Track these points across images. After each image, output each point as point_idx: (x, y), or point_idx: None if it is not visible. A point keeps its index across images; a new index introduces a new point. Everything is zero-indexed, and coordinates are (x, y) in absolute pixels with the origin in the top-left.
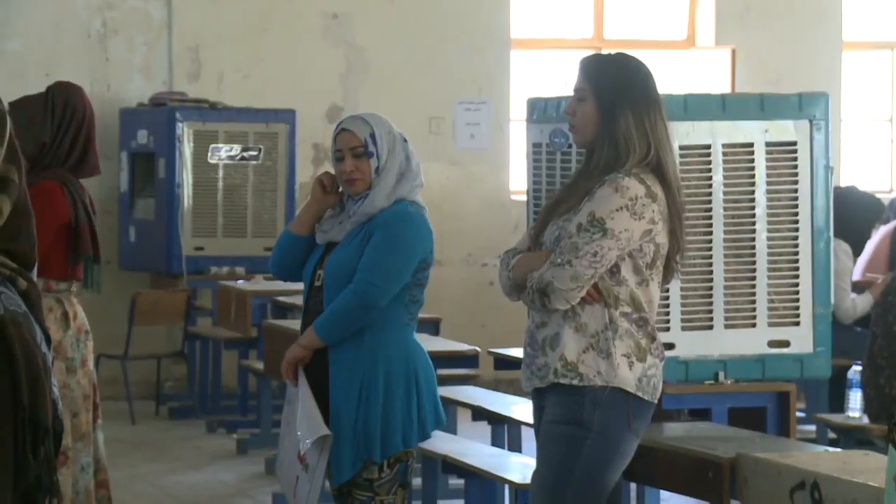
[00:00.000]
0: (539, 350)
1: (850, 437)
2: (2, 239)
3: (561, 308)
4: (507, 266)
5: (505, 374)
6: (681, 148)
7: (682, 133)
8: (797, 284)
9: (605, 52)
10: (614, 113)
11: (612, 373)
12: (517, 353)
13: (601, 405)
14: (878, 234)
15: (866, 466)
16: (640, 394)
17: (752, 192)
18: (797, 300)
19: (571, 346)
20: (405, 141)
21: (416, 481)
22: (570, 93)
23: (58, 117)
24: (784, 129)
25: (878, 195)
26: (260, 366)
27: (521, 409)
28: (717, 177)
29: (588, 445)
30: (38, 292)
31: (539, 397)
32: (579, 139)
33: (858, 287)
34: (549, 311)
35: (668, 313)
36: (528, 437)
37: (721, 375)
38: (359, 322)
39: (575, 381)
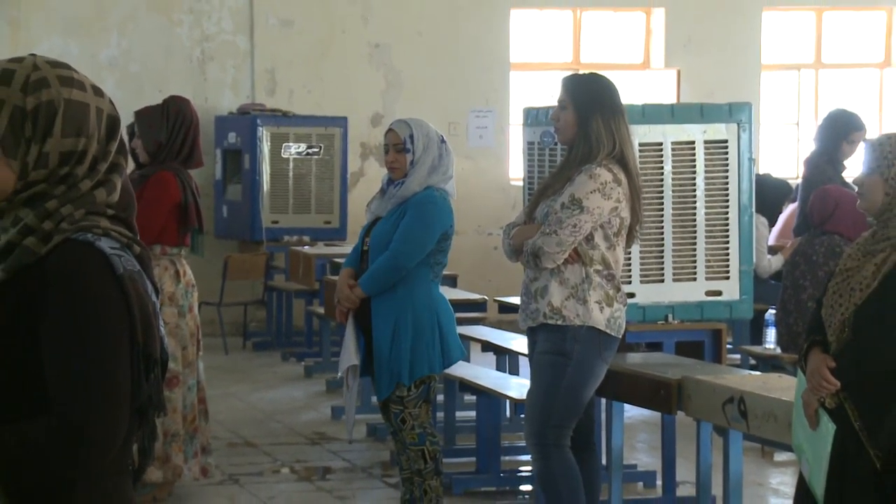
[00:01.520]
0: (532, 298)
1: (767, 364)
2: (121, 212)
3: (549, 266)
4: (508, 235)
5: (506, 316)
6: (640, 145)
7: (641, 133)
8: (727, 248)
9: (581, 72)
10: (588, 118)
11: (587, 315)
12: (515, 300)
13: (579, 340)
14: (787, 210)
15: (779, 385)
16: (608, 331)
17: (694, 179)
18: (727, 260)
19: (556, 295)
20: (443, 142)
21: (440, 398)
22: (555, 103)
23: (171, 122)
24: (718, 131)
25: (787, 180)
26: (321, 310)
27: (518, 343)
28: (668, 167)
29: (570, 370)
30: (149, 255)
31: (532, 334)
32: (562, 138)
33: (772, 250)
34: (540, 269)
35: (629, 270)
36: (524, 365)
37: (670, 317)
38: (392, 279)
39: (559, 322)
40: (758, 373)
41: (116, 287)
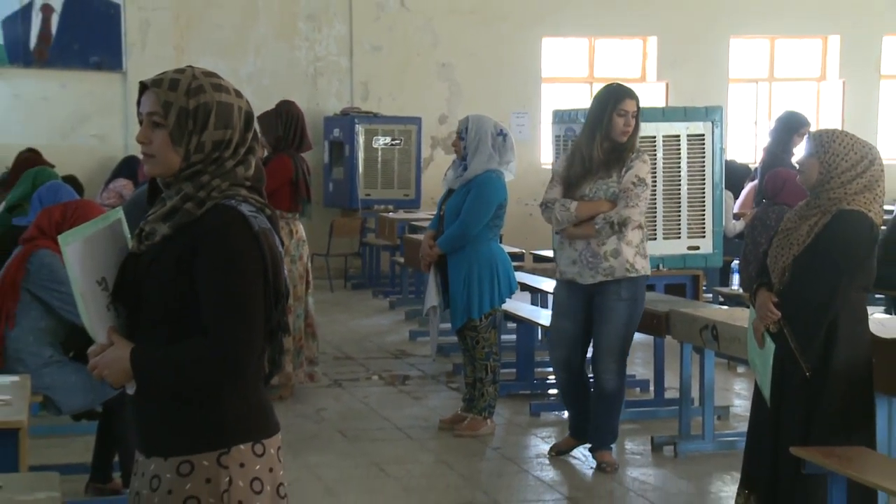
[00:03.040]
0: (602, 258)
1: (732, 300)
2: (255, 183)
3: (628, 233)
4: (566, 208)
5: (539, 265)
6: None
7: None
8: (703, 214)
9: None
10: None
11: (647, 267)
12: (546, 253)
13: (642, 286)
14: (747, 187)
15: (742, 316)
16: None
17: (679, 163)
18: (703, 223)
19: (628, 253)
20: (499, 135)
21: None
22: (630, 110)
23: (284, 119)
24: (697, 127)
25: (748, 165)
26: (401, 260)
27: (547, 285)
28: (660, 154)
29: (637, 310)
30: (277, 216)
31: (599, 287)
32: (626, 137)
33: (736, 217)
34: (614, 235)
35: None
36: (552, 300)
37: (661, 266)
38: (461, 242)
39: (633, 274)
40: (726, 307)
41: (253, 240)
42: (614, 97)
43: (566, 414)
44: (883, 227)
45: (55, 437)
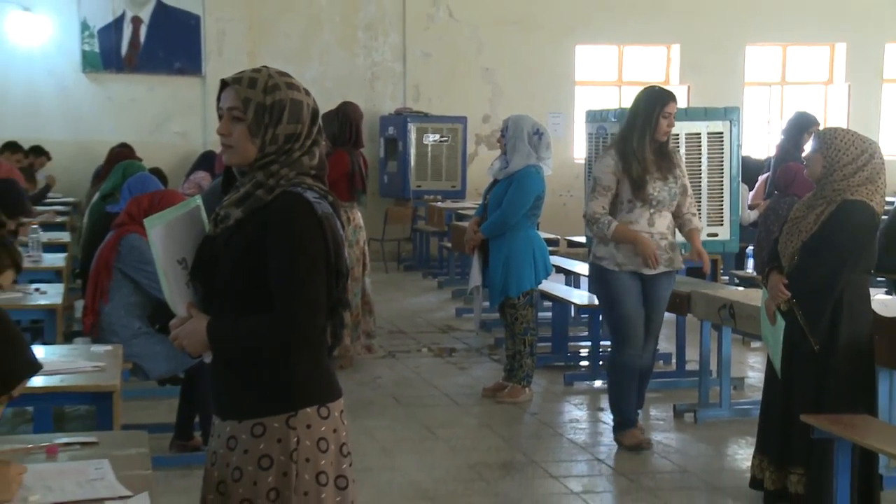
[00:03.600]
0: (664, 251)
1: (748, 283)
2: (319, 173)
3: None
4: (606, 227)
5: (572, 249)
6: None
7: None
8: (722, 205)
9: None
10: None
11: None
12: (579, 238)
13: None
14: (760, 180)
15: (756, 297)
16: None
17: (700, 158)
18: (722, 213)
19: (677, 248)
20: (536, 133)
21: None
22: (672, 112)
23: (340, 119)
24: (717, 126)
25: (761, 160)
26: (448, 245)
27: (580, 267)
28: (682, 150)
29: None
30: (338, 203)
31: (648, 277)
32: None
33: (751, 207)
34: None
35: None
36: (584, 282)
37: (683, 251)
38: (502, 229)
39: (679, 266)
40: (742, 288)
41: (317, 224)
42: (661, 100)
43: (597, 383)
44: (884, 217)
45: (143, 399)
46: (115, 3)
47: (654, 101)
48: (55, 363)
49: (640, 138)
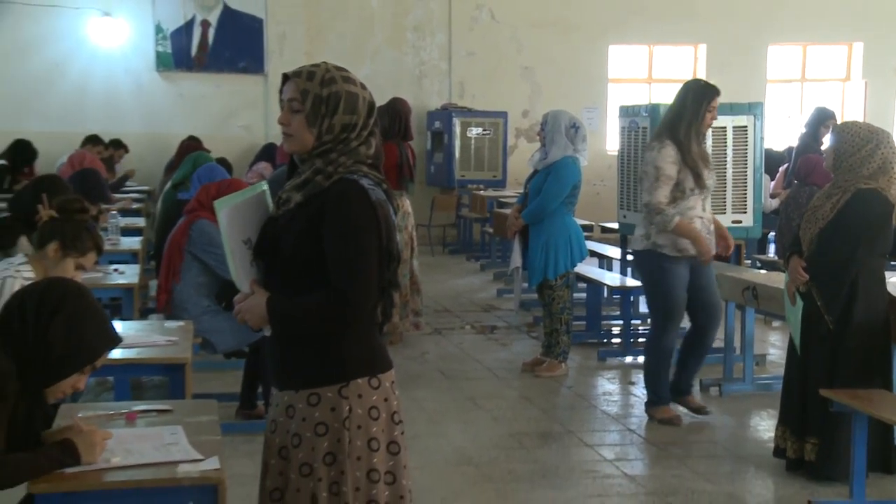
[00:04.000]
0: (712, 236)
1: (769, 266)
2: (375, 162)
3: None
4: (669, 220)
5: (605, 235)
6: None
7: None
8: (745, 193)
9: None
10: None
11: None
12: (611, 225)
13: None
14: (781, 170)
15: (777, 279)
16: None
17: (725, 150)
18: (745, 200)
19: None
20: (573, 127)
21: None
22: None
23: (390, 114)
24: (741, 120)
25: (782, 152)
26: (490, 230)
27: (612, 251)
28: (709, 143)
29: None
30: (391, 191)
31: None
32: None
33: (772, 196)
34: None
35: None
36: (616, 265)
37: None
38: (541, 215)
39: None
40: (764, 271)
41: (371, 209)
42: (709, 95)
43: (628, 359)
44: None
45: (212, 371)
46: (185, 8)
47: (702, 95)
48: (133, 337)
49: (688, 130)
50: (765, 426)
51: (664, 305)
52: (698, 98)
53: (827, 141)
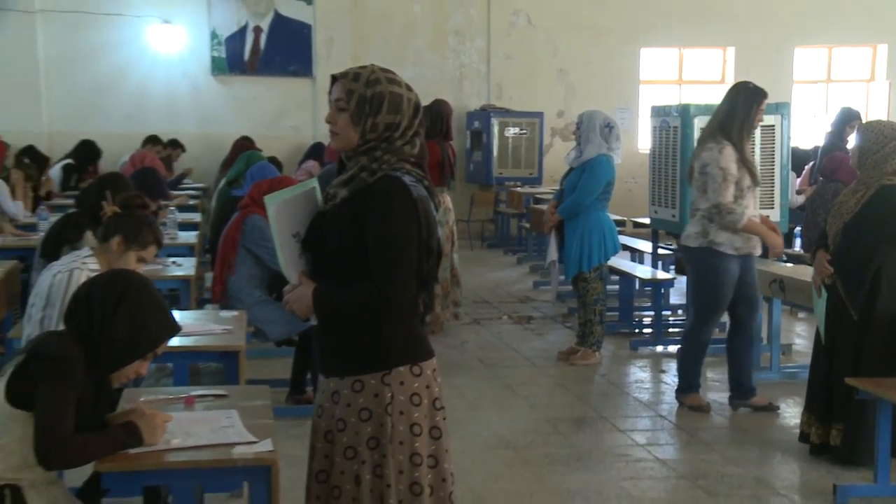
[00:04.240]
0: None
1: (796, 260)
2: (418, 160)
3: None
4: (739, 218)
5: (636, 230)
6: (702, 130)
7: None
8: (773, 189)
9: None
10: None
11: None
12: (643, 220)
13: None
14: (806, 168)
15: (806, 272)
16: None
17: (754, 149)
18: (773, 196)
19: None
20: (607, 126)
21: None
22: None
23: (433, 114)
24: (769, 120)
25: (807, 150)
26: (527, 225)
27: (643, 244)
28: None
29: None
30: (433, 187)
31: (748, 257)
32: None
33: (798, 192)
34: None
35: None
36: (647, 258)
37: None
38: (577, 210)
39: None
40: (790, 265)
41: (412, 204)
42: (759, 97)
43: (659, 348)
44: None
45: (264, 358)
46: (239, 15)
47: (752, 97)
48: (190, 326)
49: (740, 130)
50: (790, 413)
51: (712, 300)
52: (749, 100)
53: (852, 140)
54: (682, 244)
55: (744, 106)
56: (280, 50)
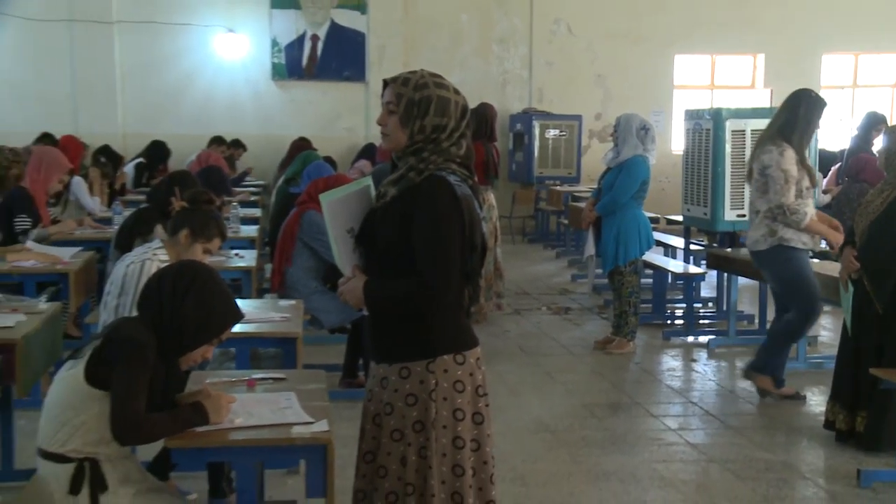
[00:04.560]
0: None
1: (821, 256)
2: (464, 160)
3: None
4: (803, 218)
5: (669, 226)
6: (751, 131)
7: (752, 124)
8: None
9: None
10: None
11: None
12: (676, 217)
13: None
14: (833, 169)
15: (830, 268)
16: None
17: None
18: None
19: None
20: (643, 128)
21: None
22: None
23: (479, 117)
24: None
25: (834, 152)
26: (566, 221)
27: (676, 241)
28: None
29: None
30: (477, 186)
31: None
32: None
33: (825, 192)
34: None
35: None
36: (680, 253)
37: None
38: (614, 207)
39: None
40: (816, 260)
41: (456, 203)
42: (822, 107)
43: (690, 339)
44: None
45: (319, 345)
46: (298, 24)
47: (815, 105)
48: (251, 314)
49: (800, 136)
50: (816, 401)
51: (808, 292)
52: (811, 108)
53: (878, 143)
54: (751, 250)
55: (806, 113)
56: (335, 57)
